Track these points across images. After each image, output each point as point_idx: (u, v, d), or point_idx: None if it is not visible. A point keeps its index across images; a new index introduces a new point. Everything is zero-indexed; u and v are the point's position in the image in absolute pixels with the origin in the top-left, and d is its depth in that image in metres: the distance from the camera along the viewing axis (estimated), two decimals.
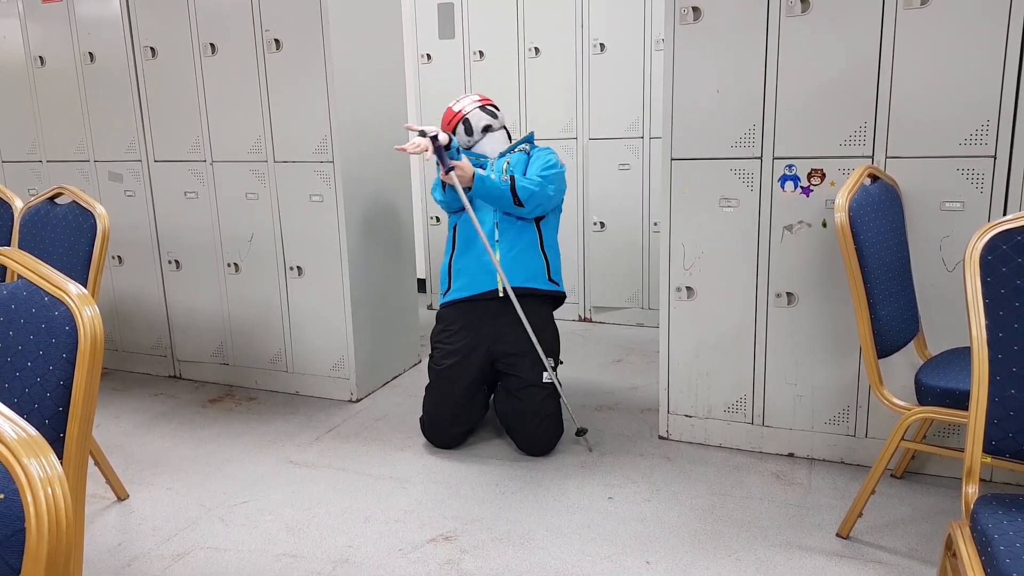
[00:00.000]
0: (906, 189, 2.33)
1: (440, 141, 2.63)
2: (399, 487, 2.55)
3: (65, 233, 2.36)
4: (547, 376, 2.74)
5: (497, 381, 2.85)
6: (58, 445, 1.23)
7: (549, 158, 2.87)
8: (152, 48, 3.37)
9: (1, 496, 0.82)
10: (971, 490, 1.46)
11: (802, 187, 2.47)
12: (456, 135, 2.94)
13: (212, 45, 3.23)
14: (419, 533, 2.27)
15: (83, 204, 2.34)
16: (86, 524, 2.33)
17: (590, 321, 4.38)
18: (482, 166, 2.89)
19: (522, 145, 2.99)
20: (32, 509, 0.81)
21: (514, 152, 2.96)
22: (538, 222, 2.87)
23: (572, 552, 2.15)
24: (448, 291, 2.88)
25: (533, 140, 3.05)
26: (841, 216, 1.99)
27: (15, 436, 0.84)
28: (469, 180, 2.67)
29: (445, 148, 2.65)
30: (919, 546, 2.12)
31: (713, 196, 2.59)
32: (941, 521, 2.23)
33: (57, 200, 2.48)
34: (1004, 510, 1.39)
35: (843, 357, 2.53)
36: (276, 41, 3.10)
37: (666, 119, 2.60)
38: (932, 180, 2.31)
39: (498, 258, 2.75)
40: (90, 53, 3.50)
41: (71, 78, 3.58)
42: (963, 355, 2.15)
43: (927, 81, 2.27)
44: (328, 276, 3.24)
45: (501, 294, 2.75)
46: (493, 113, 2.97)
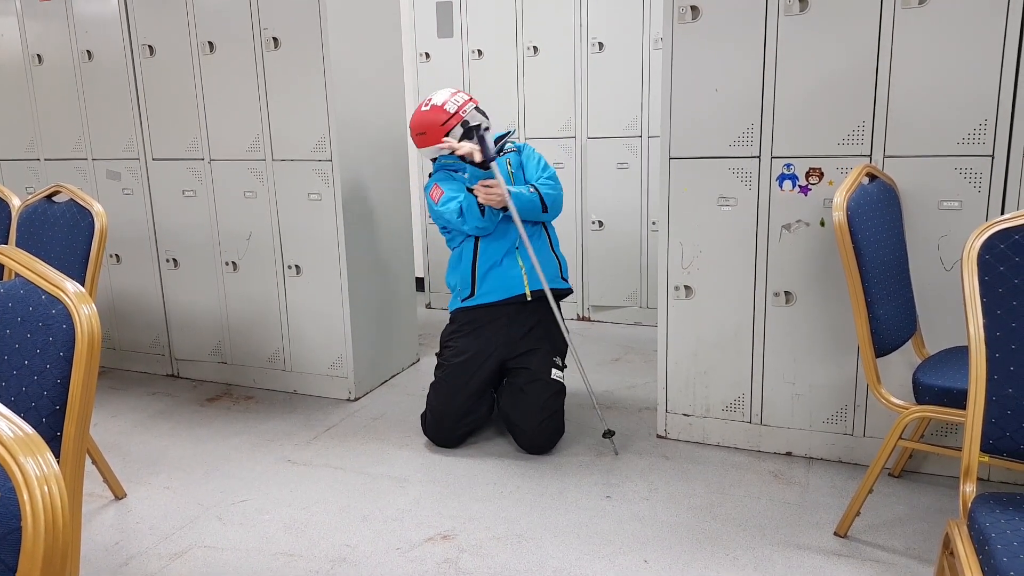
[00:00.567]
0: (904, 188, 2.33)
1: (483, 129, 2.70)
2: (397, 486, 2.55)
3: (63, 231, 2.36)
4: (556, 373, 2.76)
5: (503, 380, 2.87)
6: (55, 444, 1.23)
7: (539, 156, 2.91)
8: (150, 46, 3.36)
9: None
10: (968, 489, 1.47)
11: (800, 186, 2.47)
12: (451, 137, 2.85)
13: (210, 43, 3.23)
14: (417, 532, 2.27)
15: (81, 202, 2.34)
16: (83, 523, 2.33)
17: (588, 320, 4.38)
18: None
19: (508, 144, 2.96)
20: (28, 508, 0.81)
21: (506, 152, 2.93)
22: (545, 224, 2.92)
23: (570, 551, 2.15)
24: (471, 296, 2.86)
25: (512, 136, 3.04)
26: (839, 215, 1.99)
27: (12, 434, 0.84)
28: (506, 196, 2.68)
29: (486, 130, 2.72)
30: (917, 545, 2.12)
31: (711, 195, 2.59)
32: (939, 520, 2.24)
33: (55, 198, 2.47)
34: (1001, 509, 1.39)
35: (841, 356, 2.53)
36: (274, 40, 3.10)
37: (664, 118, 2.60)
38: (930, 179, 2.31)
39: (524, 267, 2.81)
40: (88, 51, 3.50)
41: (69, 76, 3.57)
42: (961, 354, 2.16)
43: (925, 80, 2.27)
44: (326, 275, 3.24)
45: (529, 298, 2.80)
46: (484, 112, 2.93)
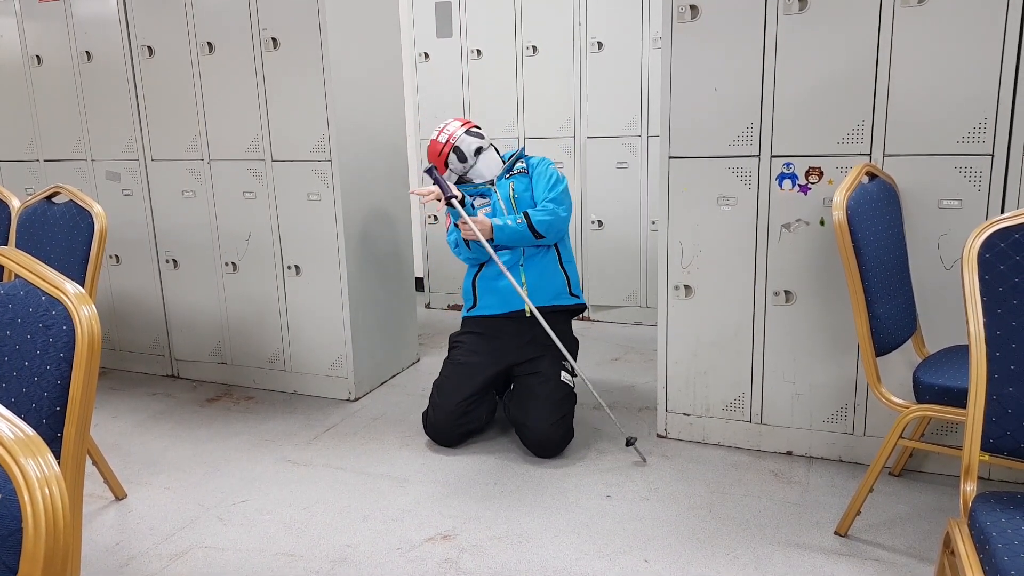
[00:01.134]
0: (904, 187, 2.33)
1: (455, 201, 2.74)
2: (397, 486, 2.55)
3: (62, 232, 2.36)
4: (565, 377, 2.76)
5: (507, 387, 2.88)
6: (55, 445, 1.23)
7: (551, 173, 2.90)
8: (149, 47, 3.36)
9: None
10: (969, 488, 1.47)
11: (800, 185, 2.47)
12: (449, 165, 2.94)
13: (209, 44, 3.23)
14: (418, 532, 2.27)
15: (80, 203, 2.34)
16: (84, 523, 2.33)
17: (588, 320, 4.38)
18: (485, 194, 2.94)
19: (519, 165, 2.99)
20: (29, 509, 0.81)
21: (514, 174, 2.97)
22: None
23: (571, 551, 2.15)
24: (473, 307, 2.93)
25: (524, 155, 3.06)
26: (839, 214, 1.99)
27: (12, 436, 0.84)
28: (489, 232, 2.75)
29: (460, 202, 2.76)
30: (917, 544, 2.12)
31: (711, 194, 2.59)
32: (939, 519, 2.24)
33: (54, 199, 2.47)
34: (1002, 508, 1.39)
35: (841, 355, 2.53)
36: (274, 40, 3.10)
37: (664, 117, 2.60)
38: (930, 178, 2.31)
39: (524, 283, 2.83)
40: (87, 52, 3.50)
41: (68, 77, 3.57)
42: (961, 353, 2.16)
43: (925, 79, 2.27)
44: (326, 275, 3.24)
45: (528, 315, 2.81)
46: (479, 134, 2.98)
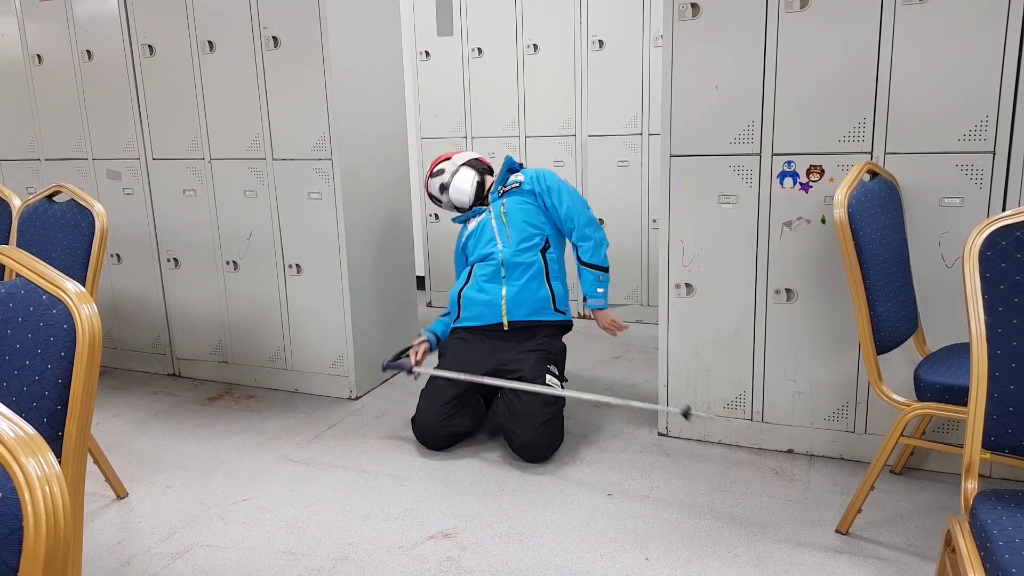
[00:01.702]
0: (905, 185, 2.33)
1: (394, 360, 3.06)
2: (398, 484, 2.55)
3: (63, 231, 2.36)
4: (551, 380, 2.74)
5: (494, 396, 2.87)
6: (56, 444, 1.23)
7: (567, 194, 3.00)
8: (150, 46, 3.36)
9: None
10: (970, 486, 1.46)
11: (801, 183, 2.47)
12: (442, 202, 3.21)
13: (210, 43, 3.23)
14: (419, 530, 2.27)
15: (81, 202, 2.34)
16: (85, 522, 2.33)
17: (589, 318, 4.37)
18: (480, 213, 3.09)
19: (513, 178, 3.08)
20: (30, 508, 0.81)
21: (507, 191, 3.05)
22: (544, 253, 2.98)
23: (571, 549, 2.15)
24: (458, 318, 3.03)
25: (516, 165, 3.14)
26: (840, 212, 1.98)
27: (13, 435, 0.84)
28: (606, 312, 3.03)
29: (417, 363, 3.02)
30: (918, 542, 2.12)
31: (712, 193, 2.59)
32: (940, 517, 2.23)
33: (55, 198, 2.47)
34: (1003, 506, 1.39)
35: (842, 353, 2.53)
36: (274, 39, 3.10)
37: (665, 116, 2.60)
38: (931, 176, 2.31)
39: (505, 296, 2.92)
40: (88, 51, 3.50)
41: (69, 76, 3.57)
42: (962, 351, 2.16)
43: (926, 77, 2.27)
44: (327, 274, 3.24)
45: (506, 327, 2.92)
46: (441, 170, 3.18)
